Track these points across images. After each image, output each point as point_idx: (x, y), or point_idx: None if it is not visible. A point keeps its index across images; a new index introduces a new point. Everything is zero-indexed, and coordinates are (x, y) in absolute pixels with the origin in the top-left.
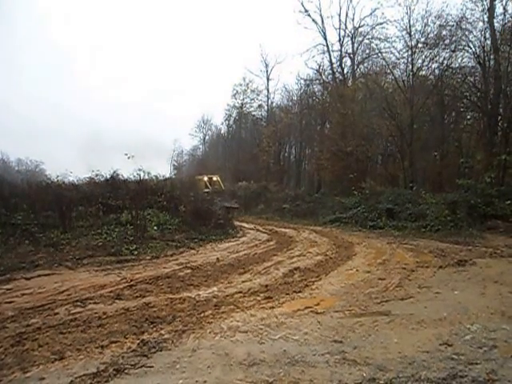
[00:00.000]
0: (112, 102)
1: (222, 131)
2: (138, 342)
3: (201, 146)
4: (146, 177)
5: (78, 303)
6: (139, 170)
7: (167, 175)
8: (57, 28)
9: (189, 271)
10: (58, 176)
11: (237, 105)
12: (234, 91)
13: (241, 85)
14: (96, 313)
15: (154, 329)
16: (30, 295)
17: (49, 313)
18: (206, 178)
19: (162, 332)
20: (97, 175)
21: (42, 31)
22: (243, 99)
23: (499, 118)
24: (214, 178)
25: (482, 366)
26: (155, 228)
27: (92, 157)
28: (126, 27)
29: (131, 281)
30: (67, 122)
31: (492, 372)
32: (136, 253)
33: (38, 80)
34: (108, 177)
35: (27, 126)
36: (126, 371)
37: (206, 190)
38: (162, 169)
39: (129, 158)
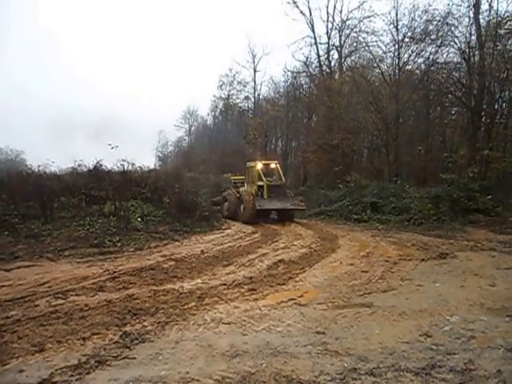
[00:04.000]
0: (95, 90)
1: (208, 122)
2: (121, 333)
3: (186, 138)
4: (130, 168)
5: (59, 295)
6: (123, 160)
7: (152, 166)
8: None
9: (173, 263)
10: (39, 166)
11: (223, 96)
12: (221, 82)
13: (227, 76)
14: (78, 305)
15: (137, 320)
16: (10, 287)
17: (29, 305)
18: (260, 166)
19: (145, 324)
20: (79, 165)
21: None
22: (229, 90)
23: (482, 113)
24: (273, 165)
25: (459, 356)
26: (139, 219)
27: (72, 145)
28: (112, 14)
29: (114, 272)
30: (48, 111)
31: (469, 362)
32: (119, 244)
33: (20, 67)
34: (91, 167)
35: (6, 114)
36: (107, 363)
37: (260, 184)
38: (147, 160)
39: (112, 148)
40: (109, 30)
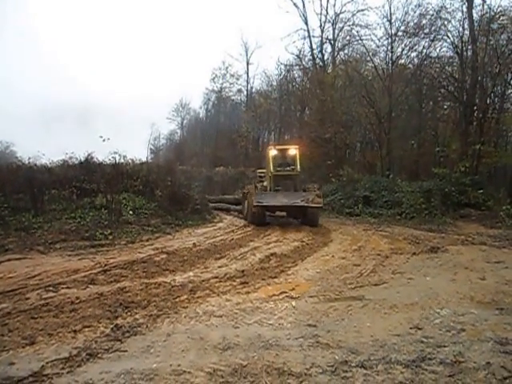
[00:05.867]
0: (86, 83)
1: (201, 115)
2: (112, 326)
3: (178, 131)
4: (122, 160)
5: (50, 288)
6: (115, 153)
7: (144, 159)
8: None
9: (164, 256)
10: (29, 158)
11: (215, 89)
12: (213, 75)
13: (220, 69)
14: (69, 298)
15: (129, 313)
16: (0, 280)
17: (19, 297)
18: (274, 152)
19: (137, 317)
20: (71, 158)
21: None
22: (222, 83)
23: (475, 108)
24: (292, 152)
25: (449, 349)
26: (131, 212)
27: (62, 138)
28: (104, 7)
29: (105, 265)
30: (39, 105)
31: (459, 354)
32: (111, 237)
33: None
34: (82, 159)
35: None
36: (99, 356)
37: (273, 173)
38: (139, 152)
39: (104, 140)
40: (101, 24)
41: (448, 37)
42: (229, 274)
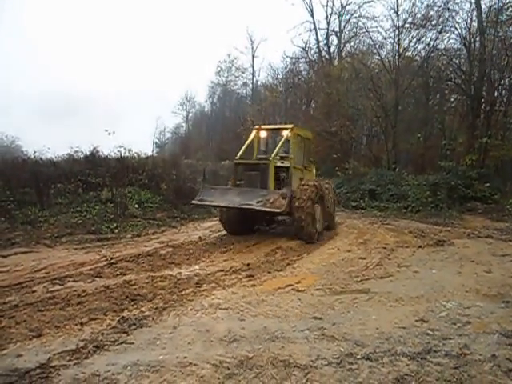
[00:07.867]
0: (90, 76)
1: (206, 109)
2: (118, 319)
3: (184, 124)
4: (128, 154)
5: (57, 281)
6: (120, 147)
7: (149, 153)
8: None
9: (170, 249)
10: (35, 152)
11: (221, 82)
12: (219, 68)
13: (225, 62)
14: (75, 291)
15: (135, 306)
16: (7, 273)
17: (26, 290)
18: (261, 134)
19: (143, 309)
20: (76, 152)
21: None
22: (227, 76)
23: (482, 100)
24: (285, 132)
25: (455, 341)
26: (136, 206)
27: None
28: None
29: (111, 259)
30: (43, 98)
31: (464, 347)
32: (116, 231)
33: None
34: (88, 153)
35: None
36: (105, 348)
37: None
38: (144, 146)
39: (109, 134)
40: (103, 18)
41: (456, 28)
42: (234, 268)
